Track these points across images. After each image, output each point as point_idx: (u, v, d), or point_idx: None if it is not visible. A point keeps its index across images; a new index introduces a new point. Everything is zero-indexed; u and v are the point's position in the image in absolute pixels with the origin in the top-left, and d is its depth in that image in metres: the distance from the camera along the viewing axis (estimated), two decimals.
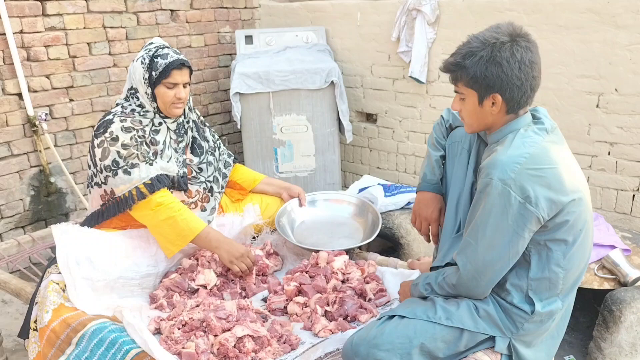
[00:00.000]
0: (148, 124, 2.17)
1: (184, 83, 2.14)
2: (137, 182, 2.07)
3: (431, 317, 1.56)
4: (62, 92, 3.34)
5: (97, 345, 1.75)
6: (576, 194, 1.48)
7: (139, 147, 2.10)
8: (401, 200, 2.83)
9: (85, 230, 2.12)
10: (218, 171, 2.42)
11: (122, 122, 2.12)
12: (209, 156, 2.35)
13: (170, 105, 2.14)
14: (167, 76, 2.10)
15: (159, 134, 2.18)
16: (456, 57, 1.55)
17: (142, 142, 2.13)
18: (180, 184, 2.20)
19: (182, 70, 2.12)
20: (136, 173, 2.07)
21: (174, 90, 2.13)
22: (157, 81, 2.11)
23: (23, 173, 3.23)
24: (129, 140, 2.10)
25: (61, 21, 3.26)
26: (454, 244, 1.74)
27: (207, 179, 2.32)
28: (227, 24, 4.23)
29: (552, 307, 1.54)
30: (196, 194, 2.28)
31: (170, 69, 2.09)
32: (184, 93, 2.14)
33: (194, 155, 2.30)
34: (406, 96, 3.74)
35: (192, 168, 2.28)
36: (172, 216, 2.09)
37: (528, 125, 1.56)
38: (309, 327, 1.90)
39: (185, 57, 2.17)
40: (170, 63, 2.09)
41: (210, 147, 2.38)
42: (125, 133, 2.10)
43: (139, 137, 2.12)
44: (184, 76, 2.14)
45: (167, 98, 2.13)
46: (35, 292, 2.03)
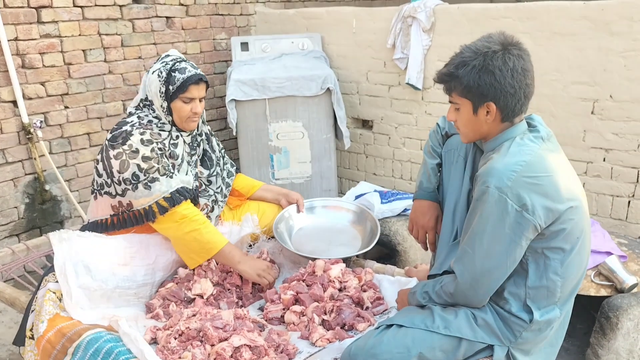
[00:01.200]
0: (167, 137, 2.15)
1: (201, 97, 2.14)
2: (157, 196, 2.06)
3: (429, 326, 1.56)
4: (57, 99, 3.32)
5: (93, 355, 1.74)
6: (573, 202, 1.48)
7: (159, 160, 2.08)
8: (398, 207, 2.82)
9: (84, 235, 2.10)
10: (222, 180, 2.42)
11: (141, 135, 2.08)
12: (217, 168, 2.36)
13: (186, 119, 2.13)
14: (184, 91, 2.07)
15: (177, 147, 2.17)
16: (449, 67, 1.56)
17: (162, 155, 2.11)
18: (195, 197, 2.21)
19: (200, 85, 2.11)
20: (157, 187, 2.06)
21: (190, 104, 2.11)
22: (174, 95, 2.09)
23: (18, 181, 3.21)
24: (150, 152, 2.07)
25: (56, 28, 3.25)
26: (451, 252, 1.74)
27: (215, 190, 2.33)
28: (223, 30, 4.23)
29: (550, 316, 1.54)
30: (204, 207, 2.28)
31: (188, 84, 2.07)
32: (200, 108, 2.13)
33: (204, 168, 2.30)
34: (402, 103, 3.75)
35: (201, 181, 2.27)
36: (196, 229, 2.09)
37: (524, 133, 1.56)
38: (306, 337, 1.90)
39: (201, 72, 2.15)
40: (188, 78, 2.07)
41: (217, 157, 2.38)
42: (145, 146, 2.07)
43: (159, 150, 2.10)
44: (201, 91, 2.12)
45: (184, 113, 2.11)
46: (32, 299, 2.01)
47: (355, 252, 2.30)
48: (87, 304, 1.99)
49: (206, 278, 2.19)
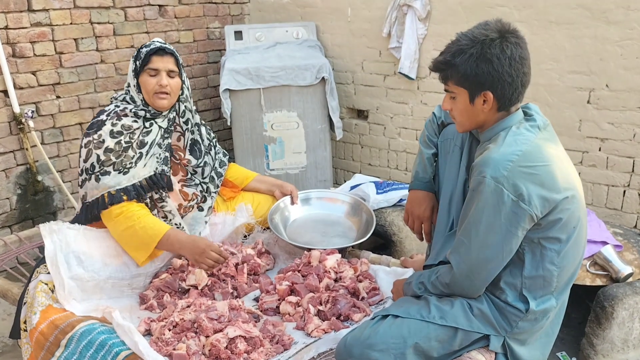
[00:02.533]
0: (139, 127, 2.13)
1: (168, 71, 2.10)
2: (103, 190, 2.05)
3: (425, 316, 1.55)
4: (49, 89, 3.28)
5: (87, 347, 1.73)
6: (569, 192, 1.47)
7: (120, 155, 2.07)
8: (393, 198, 2.81)
9: (74, 227, 2.08)
10: (214, 170, 2.39)
11: (112, 126, 2.09)
12: (206, 157, 2.32)
13: (153, 95, 2.10)
14: (148, 62, 2.07)
15: (149, 134, 2.14)
16: (445, 55, 1.54)
17: (128, 147, 2.09)
18: (158, 181, 2.13)
19: (164, 57, 2.09)
20: (105, 181, 2.05)
21: (156, 78, 2.08)
22: (140, 70, 2.09)
23: (9, 171, 3.17)
24: (113, 145, 2.07)
25: (47, 17, 3.20)
26: (447, 242, 1.73)
27: (202, 180, 2.29)
28: (216, 19, 4.18)
29: (547, 306, 1.54)
30: (193, 197, 2.25)
31: (149, 54, 2.07)
32: (165, 80, 2.09)
33: (193, 157, 2.26)
34: (397, 92, 3.73)
35: (188, 170, 2.24)
36: (130, 225, 2.04)
37: (520, 122, 1.55)
38: (301, 327, 1.89)
39: (172, 48, 2.13)
40: (150, 49, 2.07)
41: (205, 146, 2.34)
42: (112, 138, 2.08)
43: (125, 143, 2.09)
44: (166, 63, 2.09)
45: (150, 86, 2.09)
46: (24, 292, 1.99)
47: (351, 243, 2.29)
48: (80, 295, 1.98)
49: (201, 269, 2.17)
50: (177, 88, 2.14)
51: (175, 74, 2.13)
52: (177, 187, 2.20)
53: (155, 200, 2.17)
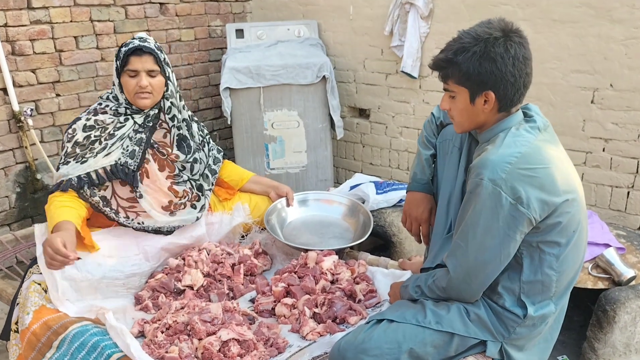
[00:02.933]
0: (112, 122, 2.10)
1: (148, 71, 2.04)
2: (57, 178, 2.05)
3: (421, 321, 1.52)
4: (49, 87, 3.27)
5: (78, 349, 1.70)
6: (569, 195, 1.44)
7: (87, 146, 2.05)
8: (393, 198, 2.78)
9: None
10: (208, 167, 2.35)
11: (86, 121, 2.09)
12: (197, 153, 2.27)
13: (134, 95, 2.06)
14: (127, 63, 2.03)
15: (121, 129, 2.10)
16: (447, 53, 1.50)
17: (96, 141, 2.07)
18: (117, 172, 2.06)
19: (143, 57, 2.03)
20: (63, 170, 2.04)
21: (136, 79, 2.04)
22: (121, 70, 2.06)
23: (8, 170, 3.16)
24: (82, 139, 2.07)
25: (47, 14, 3.18)
26: (444, 245, 1.70)
27: (191, 176, 2.25)
28: (218, 17, 4.16)
29: (545, 311, 1.50)
30: (184, 194, 2.21)
31: (127, 55, 2.02)
32: (145, 81, 2.03)
33: (182, 153, 2.21)
34: (399, 91, 3.69)
35: (176, 166, 2.20)
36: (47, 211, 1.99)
37: (520, 123, 1.51)
38: (297, 330, 1.86)
39: (151, 45, 2.07)
40: (128, 49, 2.03)
41: (197, 143, 2.30)
42: (83, 132, 2.08)
43: (94, 137, 2.07)
44: (145, 63, 2.03)
45: (130, 87, 2.05)
46: (17, 292, 1.97)
47: (348, 244, 2.26)
48: (74, 296, 1.96)
49: (197, 269, 2.15)
50: (159, 87, 2.09)
51: (157, 72, 2.07)
52: (167, 184, 2.17)
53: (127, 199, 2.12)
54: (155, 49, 2.09)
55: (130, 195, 2.11)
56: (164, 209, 2.17)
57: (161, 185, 2.15)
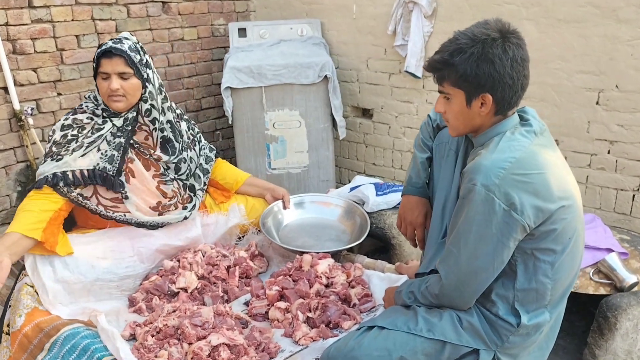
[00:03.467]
0: (89, 122, 2.09)
1: (118, 73, 1.99)
2: (37, 176, 2.05)
3: (412, 328, 1.49)
4: (50, 85, 3.27)
5: (69, 352, 1.70)
6: (565, 201, 1.40)
7: (64, 145, 2.05)
8: (393, 200, 2.74)
9: None
10: (199, 167, 2.32)
11: (64, 121, 2.10)
12: (184, 153, 2.23)
13: (107, 98, 2.03)
14: (98, 66, 2.01)
15: (100, 131, 2.08)
16: (443, 54, 1.46)
17: (72, 140, 2.05)
18: (95, 177, 2.02)
19: (113, 60, 1.98)
20: (41, 169, 2.04)
21: (107, 81, 2.00)
22: (95, 73, 2.05)
23: (9, 168, 3.17)
24: (60, 138, 2.06)
25: (48, 13, 3.18)
26: (439, 250, 1.67)
27: (179, 176, 2.22)
28: (221, 16, 4.14)
29: (539, 320, 1.47)
30: (173, 194, 2.18)
31: (98, 57, 2.00)
32: (116, 84, 1.99)
33: (164, 154, 2.16)
34: (402, 91, 3.65)
35: (160, 164, 2.17)
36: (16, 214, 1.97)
37: (515, 127, 1.47)
38: (290, 334, 1.84)
39: (124, 47, 2.01)
40: (98, 52, 2.00)
41: (185, 142, 2.25)
42: (61, 131, 2.08)
43: (71, 136, 2.06)
44: (115, 66, 1.98)
45: (102, 90, 2.03)
46: (10, 294, 1.97)
47: (343, 247, 2.23)
48: (67, 298, 1.95)
49: (191, 271, 2.14)
50: (132, 89, 2.03)
51: (129, 74, 2.01)
52: (154, 184, 2.14)
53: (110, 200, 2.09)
54: (128, 50, 2.01)
55: (114, 196, 2.09)
56: (152, 209, 2.15)
57: (149, 185, 2.12)
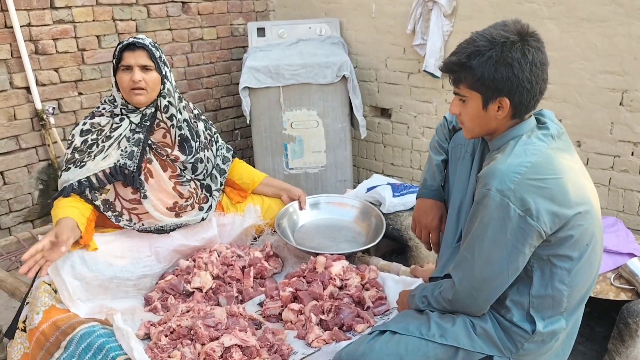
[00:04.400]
0: (107, 122, 2.11)
1: (141, 65, 2.02)
2: (60, 184, 2.07)
3: (424, 334, 1.47)
4: (71, 85, 3.32)
5: (85, 350, 1.71)
6: (582, 207, 1.37)
7: (85, 150, 2.07)
8: (410, 201, 2.72)
9: None
10: (216, 167, 2.33)
11: (83, 125, 2.11)
12: (201, 153, 2.23)
13: (129, 91, 2.04)
14: (121, 59, 2.03)
15: (117, 130, 2.10)
16: (460, 56, 1.44)
17: (93, 144, 2.08)
18: (117, 174, 2.05)
19: (136, 52, 2.01)
20: (64, 177, 2.06)
21: (129, 74, 2.02)
22: (116, 68, 2.06)
23: (31, 167, 3.22)
24: (80, 144, 2.08)
25: (70, 14, 3.23)
26: (454, 254, 1.65)
27: (195, 176, 2.23)
28: (241, 15, 4.15)
29: (555, 327, 1.44)
30: (189, 194, 2.19)
31: (121, 50, 2.02)
32: (138, 75, 2.01)
33: (182, 154, 2.17)
34: (421, 91, 3.62)
35: (176, 166, 2.18)
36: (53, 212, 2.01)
37: (532, 130, 1.44)
38: (302, 336, 1.83)
39: (145, 41, 2.05)
40: (122, 45, 2.03)
41: (202, 143, 2.26)
42: (80, 137, 2.09)
43: (91, 141, 2.08)
44: (138, 58, 2.01)
45: (124, 83, 2.04)
46: (28, 292, 2.00)
47: (358, 249, 2.22)
48: (85, 295, 1.97)
49: (206, 271, 2.14)
50: (153, 83, 2.05)
51: (151, 67, 2.04)
52: (171, 185, 2.15)
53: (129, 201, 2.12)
54: (150, 45, 2.06)
55: (133, 197, 2.10)
56: (169, 209, 2.16)
57: (165, 186, 2.13)
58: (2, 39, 2.97)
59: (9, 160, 3.11)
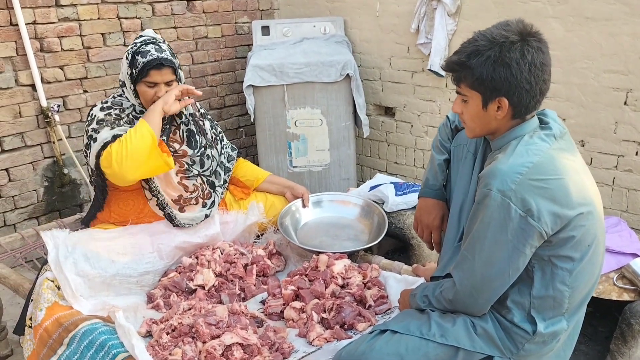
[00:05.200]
0: (129, 107, 2.14)
1: (166, 82, 2.08)
2: (100, 142, 2.01)
3: (425, 333, 1.48)
4: (76, 83, 3.33)
5: (87, 347, 1.73)
6: (584, 208, 1.37)
7: (113, 121, 2.07)
8: (413, 200, 2.72)
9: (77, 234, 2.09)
10: (220, 165, 2.35)
11: (103, 104, 2.13)
12: (207, 150, 2.27)
13: (150, 104, 2.09)
14: (145, 75, 2.04)
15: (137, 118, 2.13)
16: (460, 55, 1.44)
17: (118, 118, 2.09)
18: None
19: (162, 70, 2.05)
20: (100, 136, 2.02)
21: (155, 89, 2.07)
22: (137, 79, 2.07)
23: (37, 164, 3.24)
24: (104, 115, 2.08)
25: (75, 12, 3.24)
26: (455, 254, 1.64)
27: (202, 172, 2.24)
28: (245, 14, 4.15)
29: (556, 328, 1.43)
30: (194, 188, 2.21)
31: (147, 69, 2.03)
32: (164, 92, 2.07)
33: (189, 148, 2.21)
34: (425, 90, 3.62)
35: (184, 161, 2.19)
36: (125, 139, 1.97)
37: (534, 130, 1.44)
38: (304, 334, 1.84)
39: (168, 55, 2.07)
40: (148, 63, 2.03)
41: (208, 140, 2.29)
42: (102, 111, 2.10)
43: (115, 115, 2.09)
44: (164, 75, 2.06)
45: (148, 97, 2.08)
46: (32, 288, 2.01)
47: (361, 247, 2.22)
48: (87, 292, 1.98)
49: (209, 269, 2.15)
50: None
51: (173, 81, 2.10)
52: (176, 179, 2.18)
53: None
54: (172, 57, 2.08)
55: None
56: (174, 202, 2.20)
57: (171, 179, 2.17)
58: (7, 37, 2.99)
59: (14, 157, 3.13)
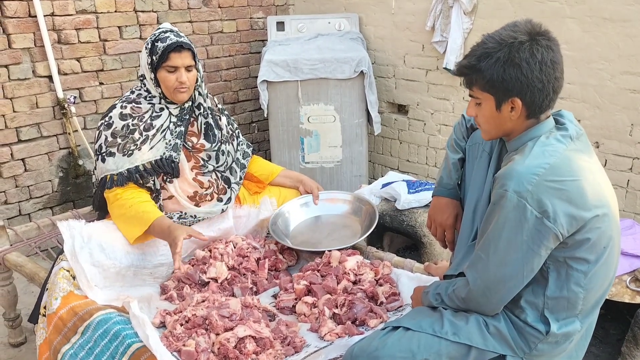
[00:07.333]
0: (149, 109, 2.14)
1: (186, 66, 2.09)
2: (106, 172, 2.08)
3: (437, 331, 1.48)
4: (92, 75, 3.36)
5: (102, 336, 1.75)
6: (600, 209, 1.36)
7: (125, 137, 2.09)
8: (425, 198, 2.72)
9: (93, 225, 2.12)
10: (236, 162, 2.37)
11: (122, 109, 2.13)
12: (223, 145, 2.29)
13: (173, 90, 2.11)
14: (166, 59, 2.06)
15: (158, 119, 2.14)
16: (470, 59, 1.44)
17: (135, 130, 2.10)
18: (164, 166, 2.13)
19: (182, 53, 2.07)
20: (110, 162, 2.07)
21: (175, 74, 2.08)
22: (158, 65, 2.08)
23: (52, 155, 3.28)
24: (120, 128, 2.10)
25: (92, 4, 3.27)
26: (468, 253, 1.64)
27: (217, 167, 2.26)
28: (260, 9, 4.17)
29: (570, 329, 1.43)
30: (209, 184, 2.23)
31: (168, 51, 2.05)
32: (185, 77, 2.08)
33: (207, 142, 2.24)
34: (439, 88, 3.61)
35: (200, 157, 2.22)
36: (123, 213, 2.06)
37: (550, 131, 1.44)
38: (315, 329, 1.85)
39: (187, 40, 2.11)
40: (167, 46, 2.05)
41: (224, 135, 2.31)
42: (120, 120, 2.11)
43: (132, 125, 2.11)
44: (184, 59, 2.08)
45: (169, 82, 2.09)
46: (47, 278, 2.04)
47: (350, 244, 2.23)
48: (102, 282, 2.01)
49: (222, 262, 2.17)
50: (194, 80, 2.14)
51: (193, 66, 2.12)
52: (192, 175, 2.20)
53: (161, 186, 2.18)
54: (191, 43, 2.12)
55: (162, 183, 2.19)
56: (189, 198, 2.21)
57: (186, 175, 2.19)
58: (25, 28, 3.02)
59: (30, 147, 3.16)
